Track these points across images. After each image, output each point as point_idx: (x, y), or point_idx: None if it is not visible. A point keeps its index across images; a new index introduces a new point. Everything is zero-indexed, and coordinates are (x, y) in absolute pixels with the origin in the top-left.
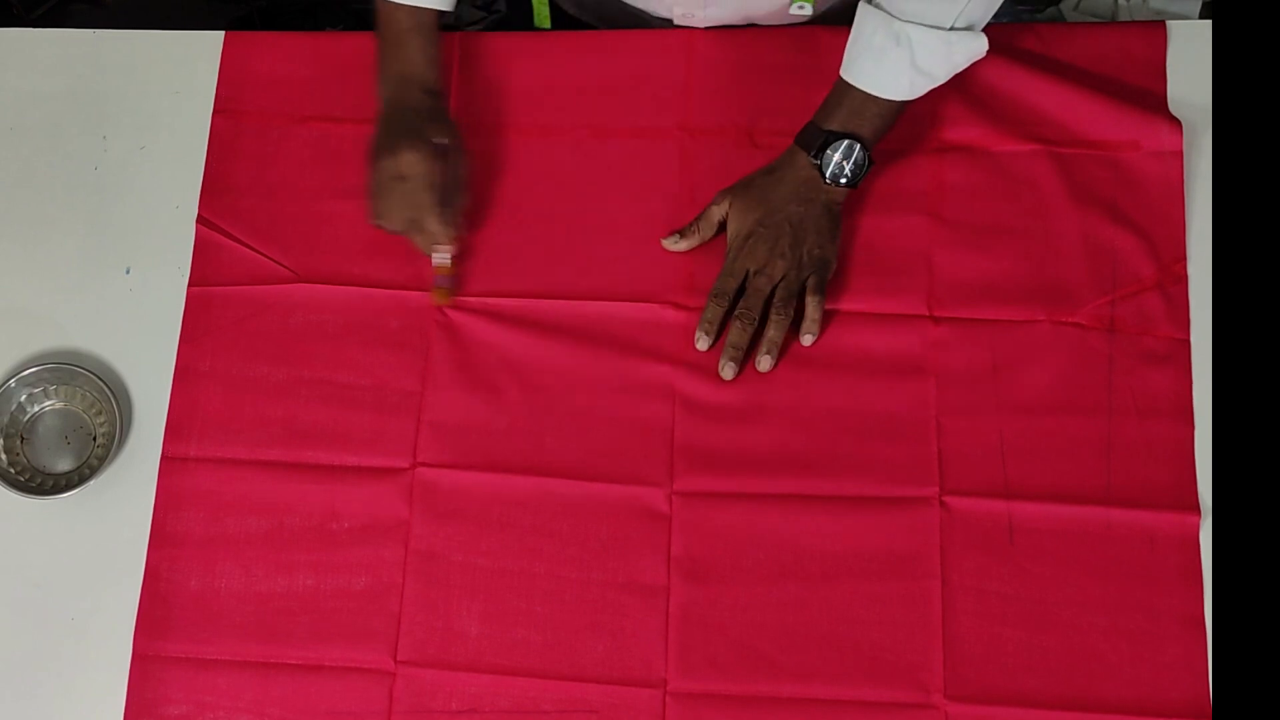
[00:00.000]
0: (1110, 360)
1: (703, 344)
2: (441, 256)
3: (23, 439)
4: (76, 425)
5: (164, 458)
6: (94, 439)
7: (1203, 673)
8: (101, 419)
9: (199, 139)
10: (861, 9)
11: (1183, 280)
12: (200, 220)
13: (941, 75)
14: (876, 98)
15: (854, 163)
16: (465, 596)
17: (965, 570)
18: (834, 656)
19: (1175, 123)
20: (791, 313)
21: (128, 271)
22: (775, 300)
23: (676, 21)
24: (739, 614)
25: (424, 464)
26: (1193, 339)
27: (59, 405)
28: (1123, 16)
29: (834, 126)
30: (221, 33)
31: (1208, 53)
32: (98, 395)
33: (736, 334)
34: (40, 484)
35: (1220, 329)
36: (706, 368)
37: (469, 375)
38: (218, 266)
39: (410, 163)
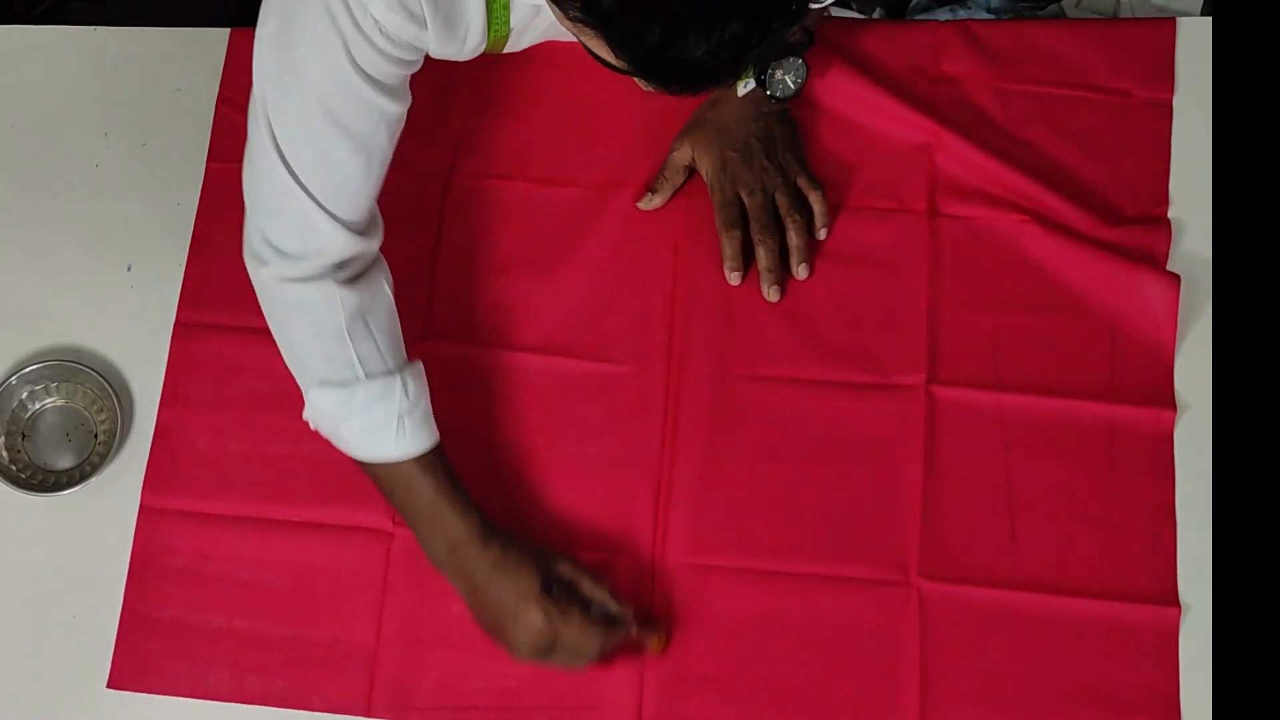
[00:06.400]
0: (1101, 264)
1: (735, 279)
2: (633, 633)
3: (24, 436)
4: (78, 422)
5: (178, 323)
6: (95, 436)
7: (1171, 560)
8: (103, 416)
9: (200, 136)
10: None
11: (1164, 220)
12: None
13: None
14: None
15: (795, 75)
16: (464, 463)
17: (947, 457)
18: (817, 534)
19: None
20: (803, 215)
21: (129, 269)
22: (782, 209)
23: None
24: (728, 491)
25: (432, 335)
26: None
27: (60, 402)
28: (1124, 13)
29: None
30: (222, 29)
31: (1209, 49)
32: (99, 392)
33: (765, 257)
34: (41, 481)
35: (1219, 328)
36: (708, 255)
37: (478, 254)
38: (235, 146)
39: (548, 628)
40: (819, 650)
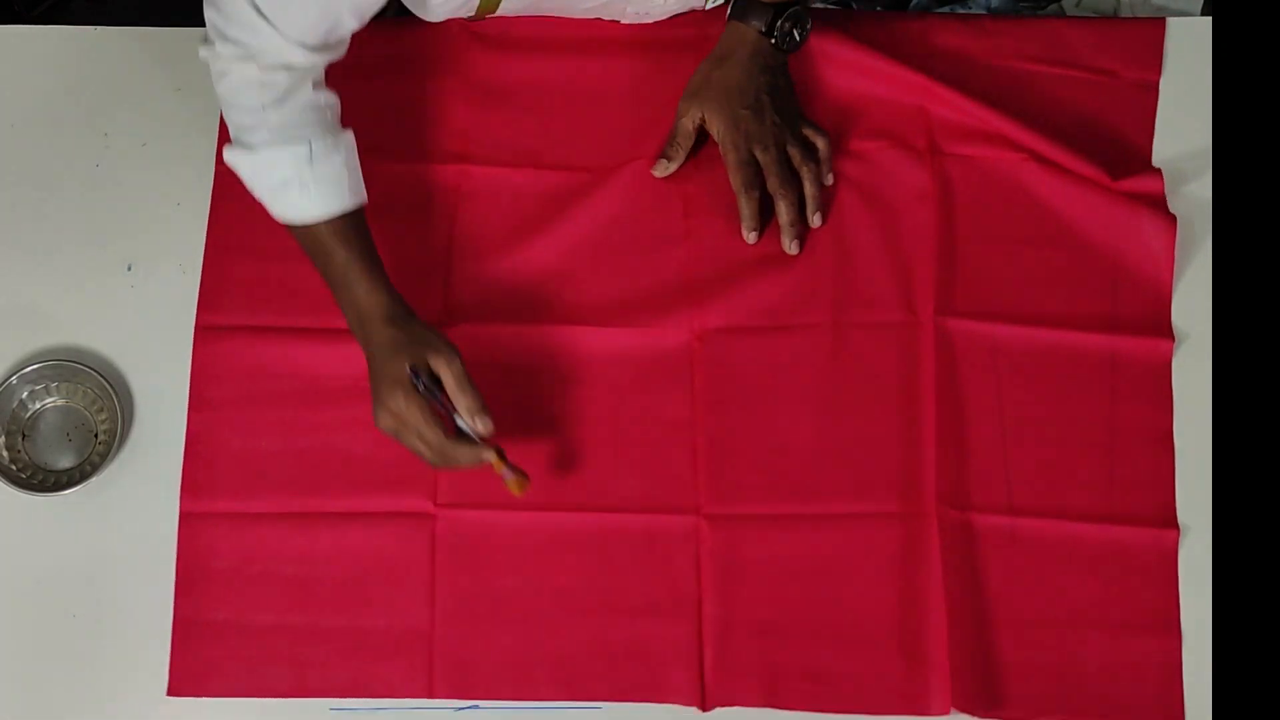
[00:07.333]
0: (1099, 200)
1: (753, 239)
2: (490, 461)
3: (24, 436)
4: (78, 422)
5: (198, 327)
6: (95, 436)
7: (1170, 483)
8: (103, 416)
9: (200, 136)
10: None
11: (1155, 173)
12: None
13: None
14: None
15: (801, 26)
16: (501, 437)
17: (954, 388)
18: (846, 474)
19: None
20: (814, 163)
21: (129, 269)
22: (795, 161)
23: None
24: (758, 440)
25: (454, 319)
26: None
27: (60, 402)
28: (1124, 13)
29: None
30: None
31: (1208, 49)
32: (99, 392)
33: (787, 211)
34: (42, 481)
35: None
36: (719, 215)
37: (493, 238)
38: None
39: (399, 411)
40: (855, 585)
